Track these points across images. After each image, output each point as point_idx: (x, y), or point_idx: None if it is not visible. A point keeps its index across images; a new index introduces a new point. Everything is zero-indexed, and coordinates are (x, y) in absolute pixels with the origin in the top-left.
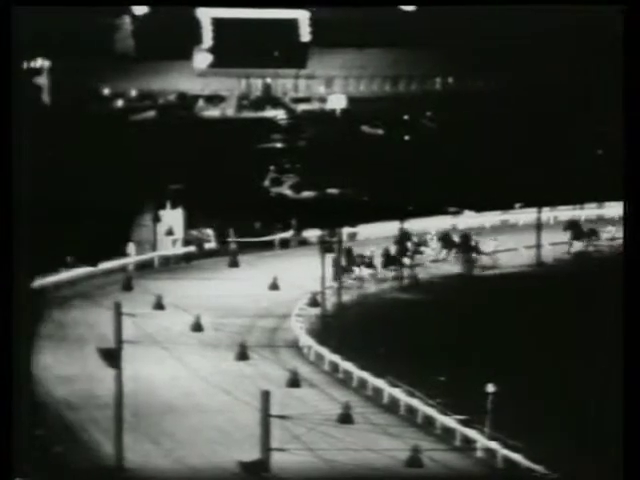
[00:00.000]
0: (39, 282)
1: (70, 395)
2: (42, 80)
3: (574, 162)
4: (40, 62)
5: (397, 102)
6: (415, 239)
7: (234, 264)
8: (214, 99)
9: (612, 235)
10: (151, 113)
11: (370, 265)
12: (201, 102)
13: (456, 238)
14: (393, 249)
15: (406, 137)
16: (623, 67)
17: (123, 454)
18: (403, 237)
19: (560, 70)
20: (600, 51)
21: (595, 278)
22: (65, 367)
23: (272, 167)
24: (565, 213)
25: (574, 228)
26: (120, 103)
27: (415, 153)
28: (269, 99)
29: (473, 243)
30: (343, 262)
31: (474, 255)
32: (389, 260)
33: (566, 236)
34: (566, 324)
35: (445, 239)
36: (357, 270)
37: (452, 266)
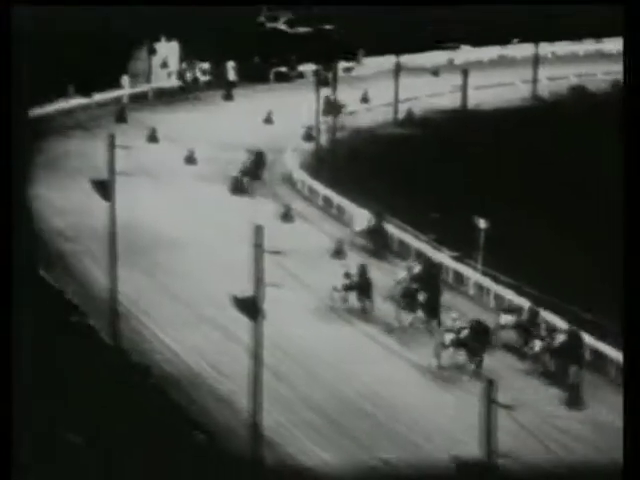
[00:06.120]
0: (38, 111)
1: (64, 226)
2: None
3: None
4: None
5: None
6: None
7: (229, 97)
8: None
9: None
10: None
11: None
12: None
13: None
14: None
15: None
16: (623, 67)
17: (117, 286)
18: None
19: None
20: None
21: (593, 111)
22: (59, 199)
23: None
24: (564, 48)
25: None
26: None
27: None
28: None
29: None
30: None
31: None
32: None
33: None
34: (563, 159)
35: None
36: None
37: (448, 100)
